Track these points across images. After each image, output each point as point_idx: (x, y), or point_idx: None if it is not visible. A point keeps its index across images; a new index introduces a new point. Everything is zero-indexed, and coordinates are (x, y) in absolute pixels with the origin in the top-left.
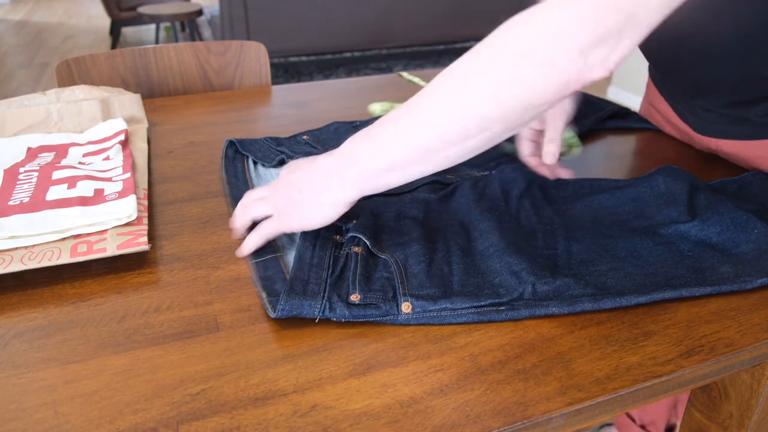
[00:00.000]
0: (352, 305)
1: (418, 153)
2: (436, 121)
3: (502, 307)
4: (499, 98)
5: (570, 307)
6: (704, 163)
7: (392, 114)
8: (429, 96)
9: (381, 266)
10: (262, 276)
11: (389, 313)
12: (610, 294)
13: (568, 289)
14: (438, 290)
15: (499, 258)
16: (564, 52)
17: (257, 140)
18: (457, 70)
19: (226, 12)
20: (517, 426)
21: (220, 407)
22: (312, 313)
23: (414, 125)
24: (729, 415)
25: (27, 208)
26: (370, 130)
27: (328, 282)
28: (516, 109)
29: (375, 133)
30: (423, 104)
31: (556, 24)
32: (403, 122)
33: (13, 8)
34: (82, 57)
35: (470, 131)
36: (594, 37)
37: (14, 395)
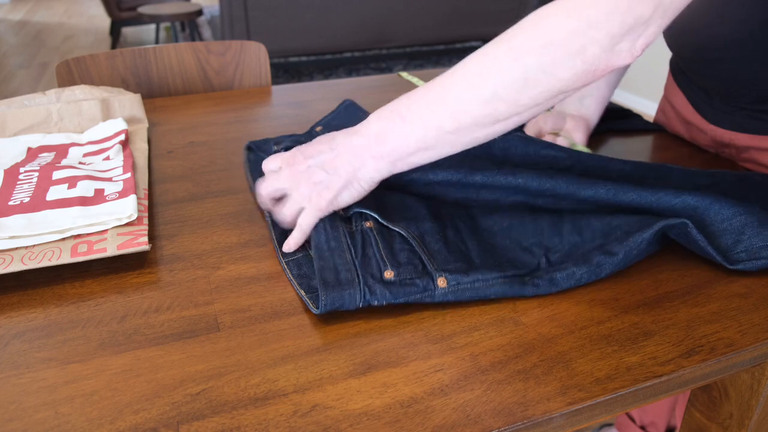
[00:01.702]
0: (389, 284)
1: (450, 135)
2: (468, 104)
3: (526, 277)
4: (529, 84)
5: (586, 266)
6: (706, 164)
7: (421, 93)
8: (461, 79)
9: (398, 239)
10: (296, 274)
11: (427, 289)
12: (617, 239)
13: (578, 249)
14: (464, 264)
15: (506, 235)
16: (595, 42)
17: (271, 139)
18: (488, 55)
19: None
20: (518, 426)
21: (221, 407)
22: (353, 303)
23: (446, 108)
24: (729, 415)
25: (27, 208)
26: (400, 109)
27: (357, 264)
28: (545, 95)
29: (406, 112)
30: (455, 87)
31: (588, 14)
32: (436, 104)
33: (13, 8)
34: (82, 57)
35: (501, 116)
36: (625, 27)
37: (14, 395)
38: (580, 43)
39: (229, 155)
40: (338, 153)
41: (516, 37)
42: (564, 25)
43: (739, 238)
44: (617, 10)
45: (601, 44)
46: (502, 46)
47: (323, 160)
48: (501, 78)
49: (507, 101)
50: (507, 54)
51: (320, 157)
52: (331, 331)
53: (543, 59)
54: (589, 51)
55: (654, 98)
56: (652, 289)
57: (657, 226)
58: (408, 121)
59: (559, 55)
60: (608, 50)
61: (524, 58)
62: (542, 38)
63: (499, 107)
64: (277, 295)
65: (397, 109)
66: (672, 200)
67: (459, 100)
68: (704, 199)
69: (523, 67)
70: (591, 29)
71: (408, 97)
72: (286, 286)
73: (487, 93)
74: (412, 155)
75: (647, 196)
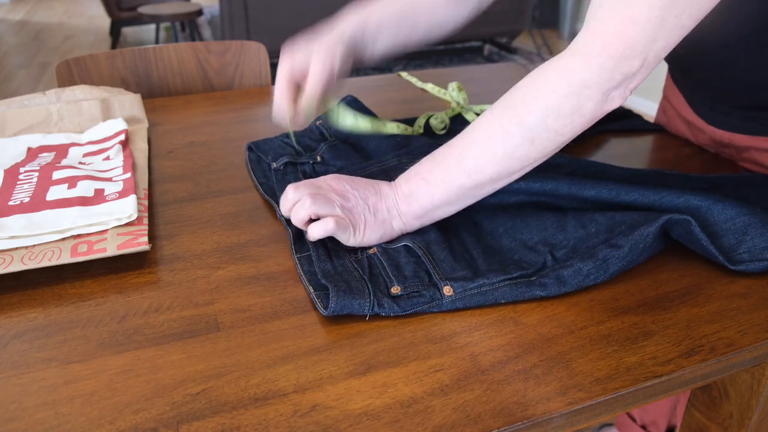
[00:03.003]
0: (396, 297)
1: (470, 190)
2: (484, 165)
3: (532, 278)
4: (535, 143)
5: (592, 261)
6: (706, 164)
7: (441, 157)
8: (474, 144)
9: (404, 253)
10: (306, 270)
11: (434, 299)
12: (622, 233)
13: (584, 243)
14: (469, 272)
15: (511, 236)
16: (589, 99)
17: (271, 139)
18: (493, 123)
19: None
20: (518, 426)
21: (221, 407)
22: (362, 310)
23: (463, 170)
24: (729, 415)
25: (27, 208)
26: (423, 172)
27: (366, 279)
28: (551, 147)
29: (429, 175)
30: (470, 151)
31: (580, 78)
32: (454, 167)
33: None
34: (82, 57)
35: (514, 170)
36: (614, 82)
37: (14, 395)
38: (575, 103)
39: (229, 155)
40: (380, 198)
41: (517, 104)
42: (559, 89)
43: (742, 238)
44: (606, 70)
45: (595, 100)
46: (507, 113)
47: (367, 197)
48: (509, 141)
49: (518, 158)
50: (510, 120)
51: (365, 194)
52: (331, 331)
53: (545, 122)
54: (584, 107)
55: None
56: (652, 289)
57: (662, 220)
58: (431, 183)
59: (558, 116)
60: (602, 102)
61: (527, 122)
62: (540, 103)
63: (512, 164)
64: (277, 295)
65: (421, 173)
66: (675, 200)
67: (474, 162)
68: (707, 199)
69: (527, 131)
70: (585, 89)
71: (429, 160)
72: (286, 286)
73: (499, 154)
74: (437, 210)
75: (650, 196)
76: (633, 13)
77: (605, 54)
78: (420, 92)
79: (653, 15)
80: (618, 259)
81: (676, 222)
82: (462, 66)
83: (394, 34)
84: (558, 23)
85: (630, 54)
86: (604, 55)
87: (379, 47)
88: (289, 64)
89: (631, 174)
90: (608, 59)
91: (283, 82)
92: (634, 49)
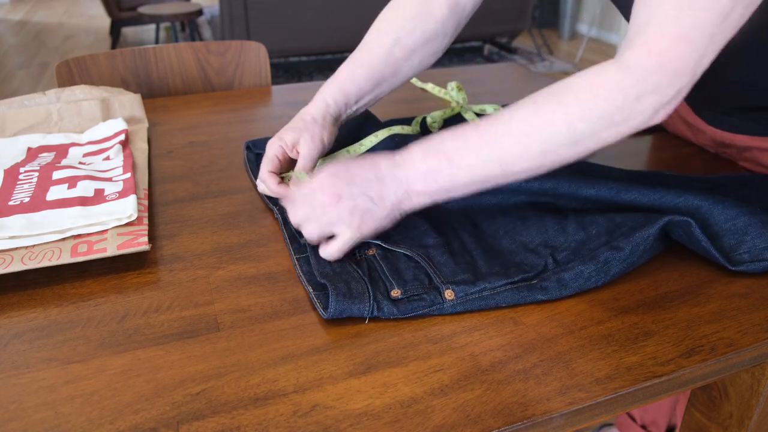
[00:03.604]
0: (396, 301)
1: (496, 179)
2: (518, 158)
3: (533, 281)
4: (577, 145)
5: (593, 263)
6: (706, 164)
7: (471, 138)
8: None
9: (403, 259)
10: (305, 271)
11: (435, 303)
12: (623, 235)
13: (585, 245)
14: (470, 275)
15: (512, 238)
16: (641, 113)
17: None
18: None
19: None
20: (518, 426)
21: (221, 407)
22: (362, 313)
23: (494, 157)
24: (729, 415)
25: (27, 208)
26: (447, 151)
27: (366, 281)
28: (590, 150)
29: (454, 155)
30: (505, 140)
31: (636, 93)
32: (485, 153)
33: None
34: (82, 57)
35: (546, 166)
36: (666, 99)
37: (14, 395)
38: (627, 115)
39: (229, 155)
40: (385, 183)
41: (570, 107)
42: (616, 100)
43: (742, 239)
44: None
45: (646, 114)
46: (559, 110)
47: (368, 188)
48: (553, 139)
49: (554, 156)
50: (561, 119)
51: (365, 185)
52: (331, 331)
53: (594, 127)
54: (635, 120)
55: None
56: (652, 289)
57: (662, 222)
58: (455, 164)
59: (608, 125)
60: (651, 116)
61: (577, 125)
62: (596, 111)
63: (547, 161)
64: (277, 295)
65: (444, 151)
66: (675, 199)
67: (509, 153)
68: (707, 199)
69: (574, 133)
70: (638, 103)
71: (455, 138)
72: (286, 286)
73: (535, 150)
74: (454, 192)
75: (650, 195)
76: (686, 31)
77: (661, 72)
78: (420, 92)
79: (706, 32)
80: (619, 261)
81: (677, 223)
82: (462, 66)
83: (375, 93)
84: (558, 23)
85: (683, 71)
86: (659, 73)
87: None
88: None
89: (631, 175)
90: (663, 77)
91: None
92: (687, 67)
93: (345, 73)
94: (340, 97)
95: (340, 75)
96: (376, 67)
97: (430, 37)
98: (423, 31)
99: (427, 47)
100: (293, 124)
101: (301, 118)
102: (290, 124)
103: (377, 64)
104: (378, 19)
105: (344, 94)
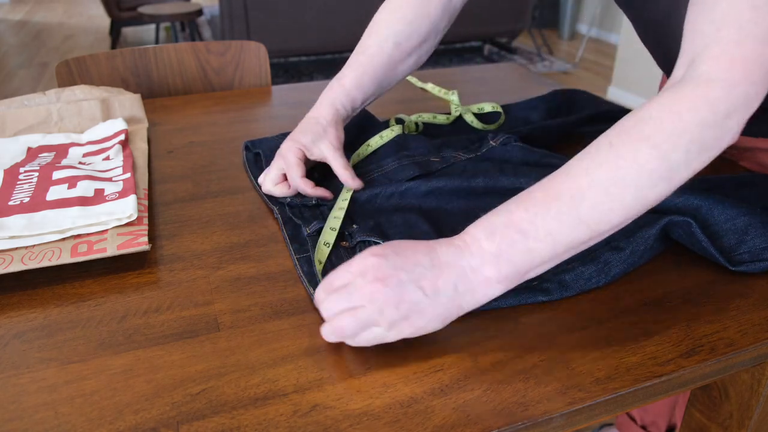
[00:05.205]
0: None
1: (582, 245)
2: (609, 213)
3: (534, 283)
4: (671, 182)
5: (594, 264)
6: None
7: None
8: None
9: None
10: (306, 272)
11: None
12: (623, 235)
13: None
14: None
15: None
16: (730, 130)
17: (268, 138)
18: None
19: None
20: (518, 426)
21: (221, 407)
22: None
23: (580, 219)
24: (729, 415)
25: (27, 208)
26: (517, 222)
27: None
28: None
29: (528, 226)
30: (589, 195)
31: (725, 108)
32: (567, 216)
33: (13, 8)
34: (82, 57)
35: (636, 214)
36: (752, 109)
37: (14, 395)
38: (718, 135)
39: (229, 155)
40: (441, 270)
41: (655, 135)
42: (705, 120)
43: (743, 238)
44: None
45: (735, 130)
46: (643, 145)
47: (420, 277)
48: (643, 181)
49: (646, 201)
50: (651, 155)
51: (417, 272)
52: None
53: (688, 156)
54: (724, 139)
55: None
56: (652, 289)
57: (662, 222)
58: (532, 236)
59: (701, 150)
60: (737, 132)
61: (671, 156)
62: (687, 136)
63: (638, 208)
64: (277, 295)
65: (514, 223)
66: (675, 199)
67: (596, 210)
68: (707, 198)
69: (668, 167)
70: (728, 119)
71: (521, 207)
72: (286, 286)
73: (628, 199)
74: (529, 273)
75: None
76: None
77: (749, 81)
78: (420, 92)
79: None
80: (619, 261)
81: (677, 223)
82: (462, 66)
83: (377, 94)
84: (558, 23)
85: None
86: (747, 82)
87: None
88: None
89: None
90: (752, 86)
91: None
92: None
93: (351, 78)
94: (348, 103)
95: (347, 80)
96: (379, 72)
97: (426, 38)
98: (420, 33)
99: (423, 47)
100: (307, 128)
101: (315, 121)
102: (303, 128)
103: (380, 68)
104: (376, 20)
105: (351, 99)
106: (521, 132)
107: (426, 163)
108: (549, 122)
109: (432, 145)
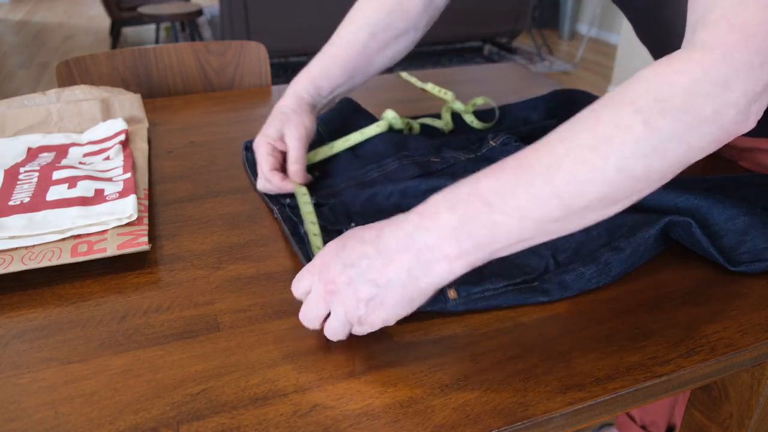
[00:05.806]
0: None
1: (554, 223)
2: (585, 185)
3: (534, 283)
4: (659, 155)
5: (594, 265)
6: (706, 164)
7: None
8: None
9: None
10: None
11: (438, 301)
12: (623, 235)
13: (585, 247)
14: (473, 276)
15: None
16: (732, 106)
17: None
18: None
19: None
20: (518, 426)
21: (221, 407)
22: None
23: (552, 191)
24: (729, 415)
25: (27, 208)
26: (482, 192)
27: None
28: (673, 168)
29: (493, 197)
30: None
31: (723, 76)
32: (538, 188)
33: (13, 8)
34: (82, 57)
35: (619, 196)
36: (759, 87)
37: (14, 395)
38: (717, 108)
39: (229, 155)
40: (390, 257)
41: (643, 98)
42: (699, 87)
43: (743, 239)
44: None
45: (738, 107)
46: (627, 109)
47: (368, 269)
48: (627, 148)
49: (632, 177)
50: (634, 119)
51: (363, 265)
52: None
53: (679, 125)
54: (726, 116)
55: None
56: (652, 289)
57: (662, 222)
58: (497, 209)
59: (696, 120)
60: (745, 113)
61: (658, 123)
62: (677, 99)
63: (621, 185)
64: (277, 295)
65: (477, 193)
66: (675, 199)
67: (571, 182)
68: (707, 198)
69: (654, 134)
70: (727, 90)
71: (491, 176)
72: (286, 286)
73: (609, 168)
74: (496, 250)
75: (650, 195)
76: None
77: (750, 47)
78: (420, 92)
79: None
80: (620, 261)
81: (677, 223)
82: (462, 66)
83: (348, 85)
84: (558, 23)
85: None
86: (751, 49)
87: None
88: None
89: None
90: (755, 54)
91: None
92: None
93: (319, 68)
94: (313, 90)
95: (313, 69)
96: (351, 61)
97: (403, 32)
98: (397, 27)
99: (400, 41)
100: (272, 119)
101: (279, 111)
102: (269, 120)
103: (353, 57)
104: (354, 8)
105: (317, 87)
106: (521, 132)
107: (426, 164)
108: (549, 122)
109: (432, 145)
